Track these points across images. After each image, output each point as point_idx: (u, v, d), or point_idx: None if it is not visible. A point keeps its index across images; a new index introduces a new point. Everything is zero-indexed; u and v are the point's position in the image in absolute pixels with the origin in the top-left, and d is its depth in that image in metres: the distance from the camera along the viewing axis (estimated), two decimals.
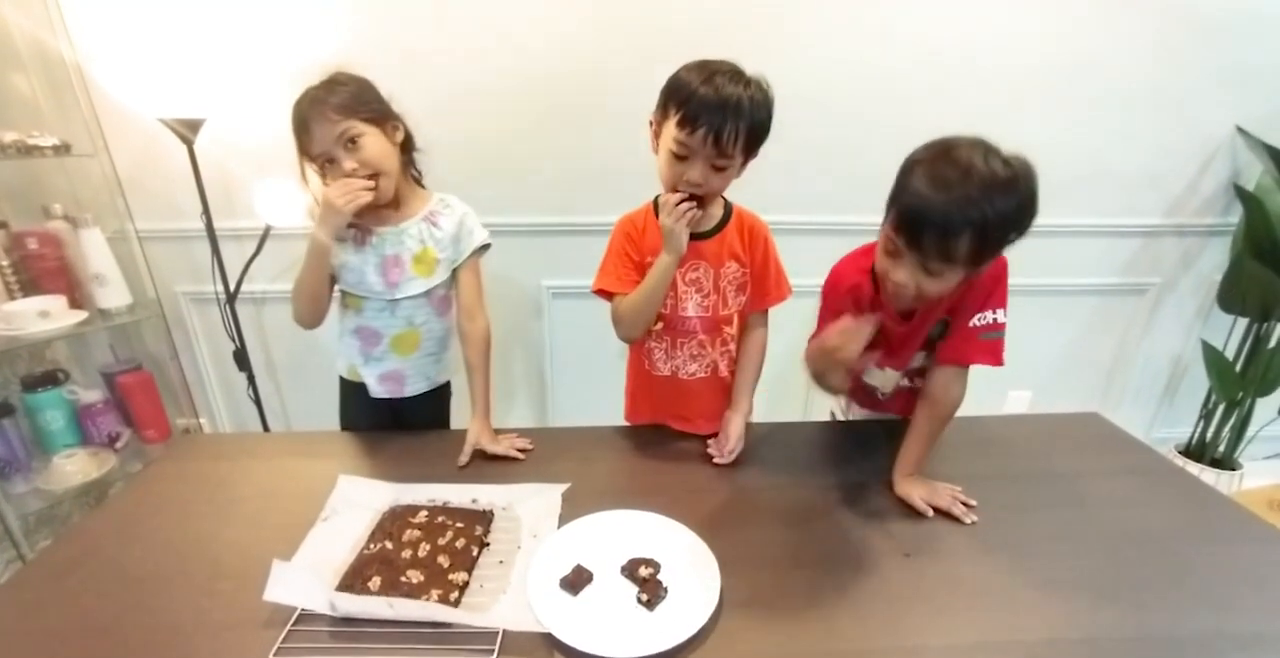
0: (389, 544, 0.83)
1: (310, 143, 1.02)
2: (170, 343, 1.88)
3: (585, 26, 1.61)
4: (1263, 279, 1.77)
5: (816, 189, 1.79)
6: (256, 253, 1.72)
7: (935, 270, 0.81)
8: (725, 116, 0.88)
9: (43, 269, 1.65)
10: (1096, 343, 2.09)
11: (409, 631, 0.71)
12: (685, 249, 0.99)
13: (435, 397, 1.27)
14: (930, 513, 0.93)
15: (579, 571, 0.79)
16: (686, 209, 0.95)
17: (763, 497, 0.98)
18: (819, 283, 1.10)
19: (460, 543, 0.84)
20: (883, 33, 1.65)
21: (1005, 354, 0.96)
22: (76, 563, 0.84)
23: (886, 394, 1.12)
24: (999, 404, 2.14)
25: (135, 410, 1.81)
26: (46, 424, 1.68)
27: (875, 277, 0.94)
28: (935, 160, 0.80)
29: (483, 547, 0.85)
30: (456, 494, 0.96)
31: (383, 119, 1.05)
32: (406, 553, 0.82)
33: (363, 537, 0.86)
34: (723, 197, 1.06)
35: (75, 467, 1.66)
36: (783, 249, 1.10)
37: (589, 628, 0.71)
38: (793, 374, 2.07)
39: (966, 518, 0.91)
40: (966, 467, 1.03)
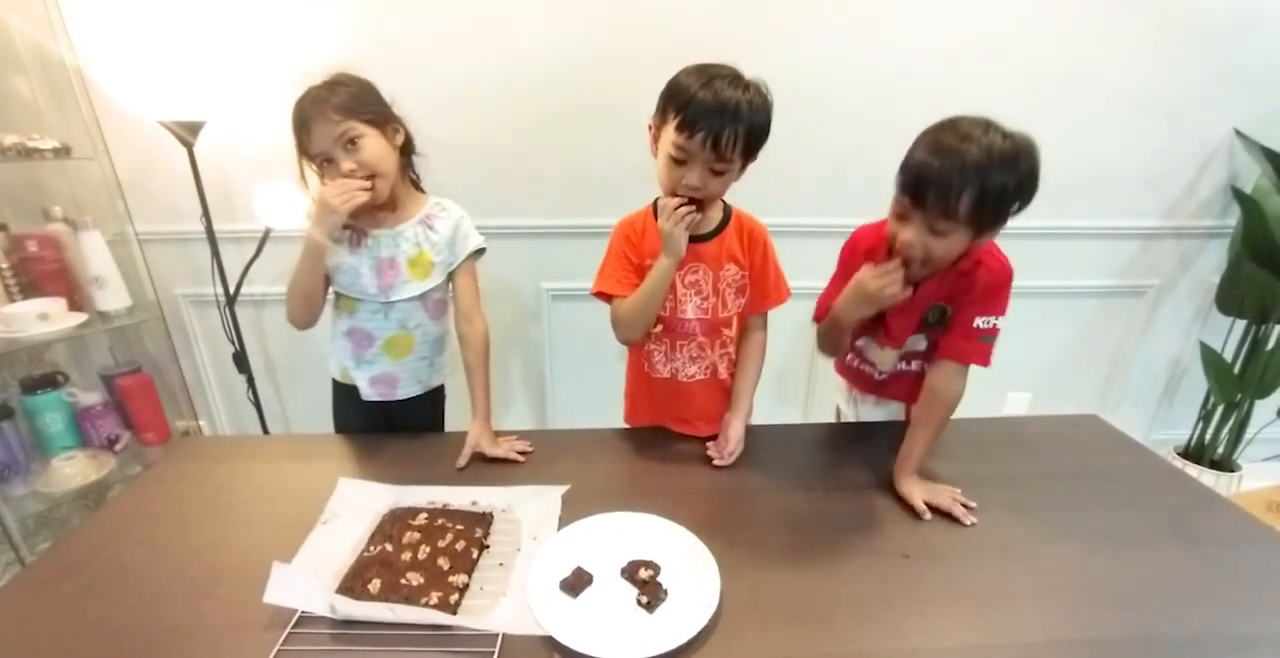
0: (389, 547, 0.83)
1: (309, 142, 1.02)
2: (170, 345, 1.88)
3: (585, 30, 1.62)
4: (1261, 281, 1.77)
5: (816, 192, 1.79)
6: (256, 255, 1.72)
7: (940, 230, 0.87)
8: (724, 121, 0.88)
9: (42, 272, 1.65)
10: (1095, 345, 2.10)
11: (409, 633, 0.71)
12: (684, 253, 0.99)
13: (429, 400, 1.27)
14: (928, 516, 0.93)
15: (579, 573, 0.79)
16: (685, 213, 0.95)
17: (762, 499, 0.98)
18: (818, 285, 1.10)
19: (460, 545, 0.84)
20: (882, 35, 1.66)
21: (1005, 356, 1.03)
22: (76, 566, 0.84)
23: (884, 373, 1.14)
24: (998, 406, 2.14)
25: (135, 413, 1.81)
26: (46, 427, 1.68)
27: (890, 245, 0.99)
28: (940, 130, 0.87)
29: (482, 549, 0.85)
30: (456, 497, 0.96)
31: (383, 122, 1.06)
32: (406, 555, 0.82)
33: (362, 539, 0.87)
34: (722, 199, 1.06)
35: (74, 469, 1.65)
36: (782, 252, 1.10)
37: (589, 630, 0.71)
38: (793, 376, 2.07)
39: (966, 519, 0.91)
40: (966, 468, 1.03)
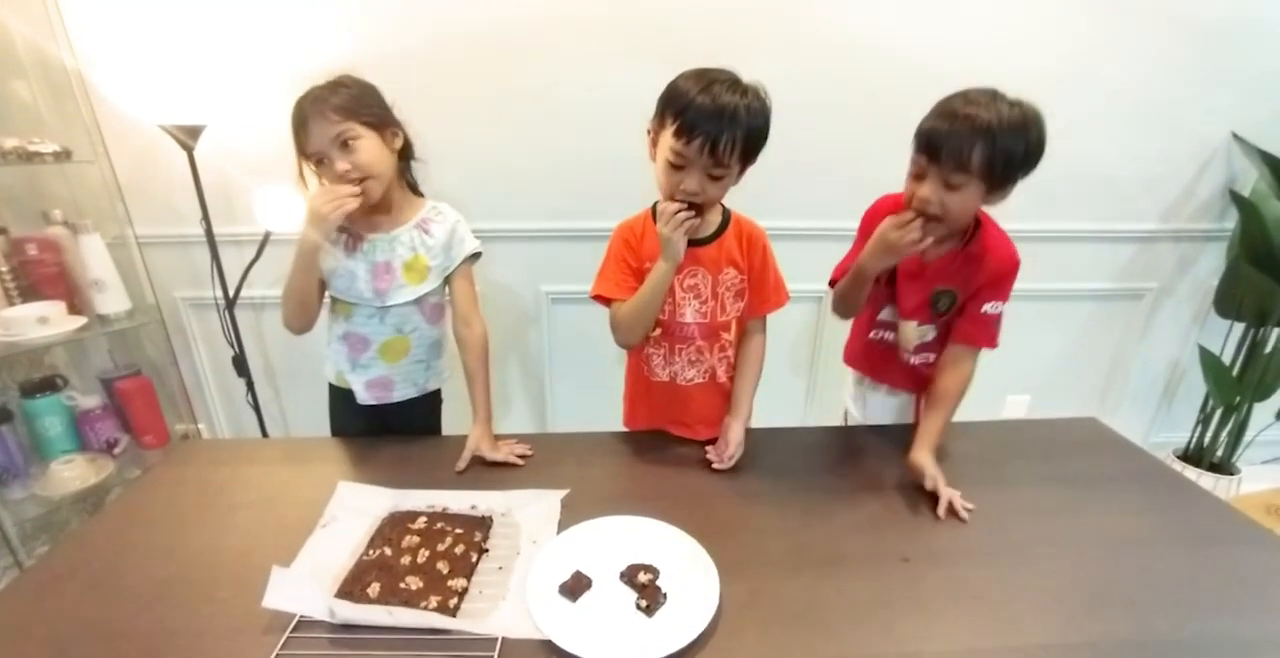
0: (388, 551, 0.83)
1: (307, 141, 1.02)
2: (169, 349, 1.88)
3: (586, 33, 1.62)
4: (1259, 284, 1.78)
5: (815, 195, 1.79)
6: (256, 259, 1.72)
7: (955, 183, 0.92)
8: (721, 126, 0.88)
9: (42, 275, 1.65)
10: (1094, 348, 2.10)
11: (408, 637, 0.71)
12: (683, 257, 0.99)
13: (425, 403, 1.27)
14: (931, 485, 0.96)
15: (578, 577, 0.79)
16: (684, 218, 0.95)
17: (761, 502, 0.98)
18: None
19: (459, 549, 0.84)
20: (881, 39, 1.66)
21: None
22: (74, 570, 0.83)
23: (909, 351, 1.15)
24: (997, 409, 2.14)
25: (134, 416, 1.81)
26: (45, 430, 1.68)
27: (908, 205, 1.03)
28: (951, 99, 0.95)
29: (482, 553, 0.85)
30: (456, 500, 0.96)
31: (382, 125, 1.06)
32: (406, 559, 0.82)
33: (362, 543, 0.86)
34: (721, 203, 1.06)
35: (73, 473, 1.65)
36: (781, 255, 1.10)
37: (588, 634, 0.71)
38: (792, 379, 2.07)
39: (963, 512, 0.94)
40: (965, 471, 1.03)
